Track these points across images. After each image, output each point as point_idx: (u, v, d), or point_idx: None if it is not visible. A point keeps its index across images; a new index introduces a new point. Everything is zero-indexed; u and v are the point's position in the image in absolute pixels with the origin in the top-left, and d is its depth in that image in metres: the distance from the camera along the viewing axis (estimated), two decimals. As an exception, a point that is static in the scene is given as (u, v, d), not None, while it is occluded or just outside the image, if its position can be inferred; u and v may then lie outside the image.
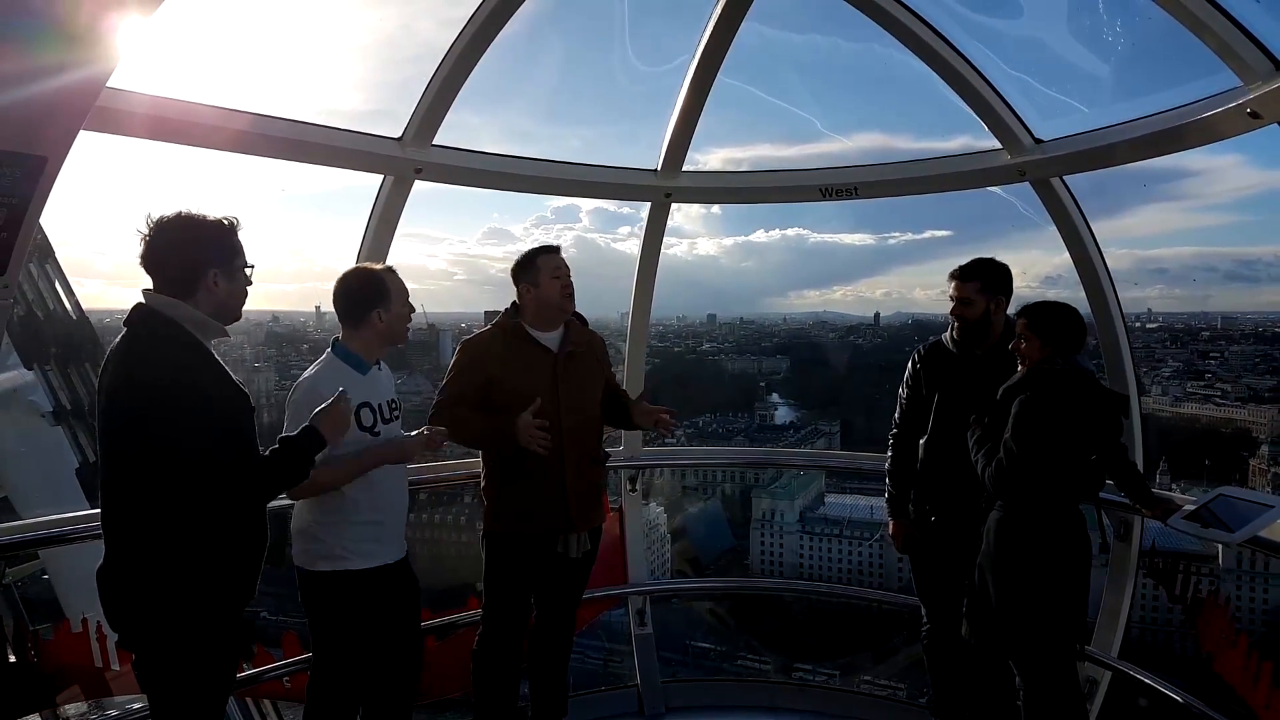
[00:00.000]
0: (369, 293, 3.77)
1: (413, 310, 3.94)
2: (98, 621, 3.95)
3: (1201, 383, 34.17)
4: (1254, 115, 3.60)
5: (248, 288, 3.19)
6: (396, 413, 3.92)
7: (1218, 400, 33.27)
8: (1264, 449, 30.00)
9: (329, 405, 3.24)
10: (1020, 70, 4.96)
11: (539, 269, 4.31)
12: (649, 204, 5.82)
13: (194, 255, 3.00)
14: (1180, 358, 35.27)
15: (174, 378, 2.84)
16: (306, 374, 3.78)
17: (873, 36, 4.80)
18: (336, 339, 3.84)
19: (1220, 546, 4.76)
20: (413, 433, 3.90)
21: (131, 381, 2.88)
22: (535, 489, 4.23)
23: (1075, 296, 4.85)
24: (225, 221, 3.08)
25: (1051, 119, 4.91)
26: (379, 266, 3.94)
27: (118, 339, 3.01)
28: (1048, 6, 5.57)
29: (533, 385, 4.23)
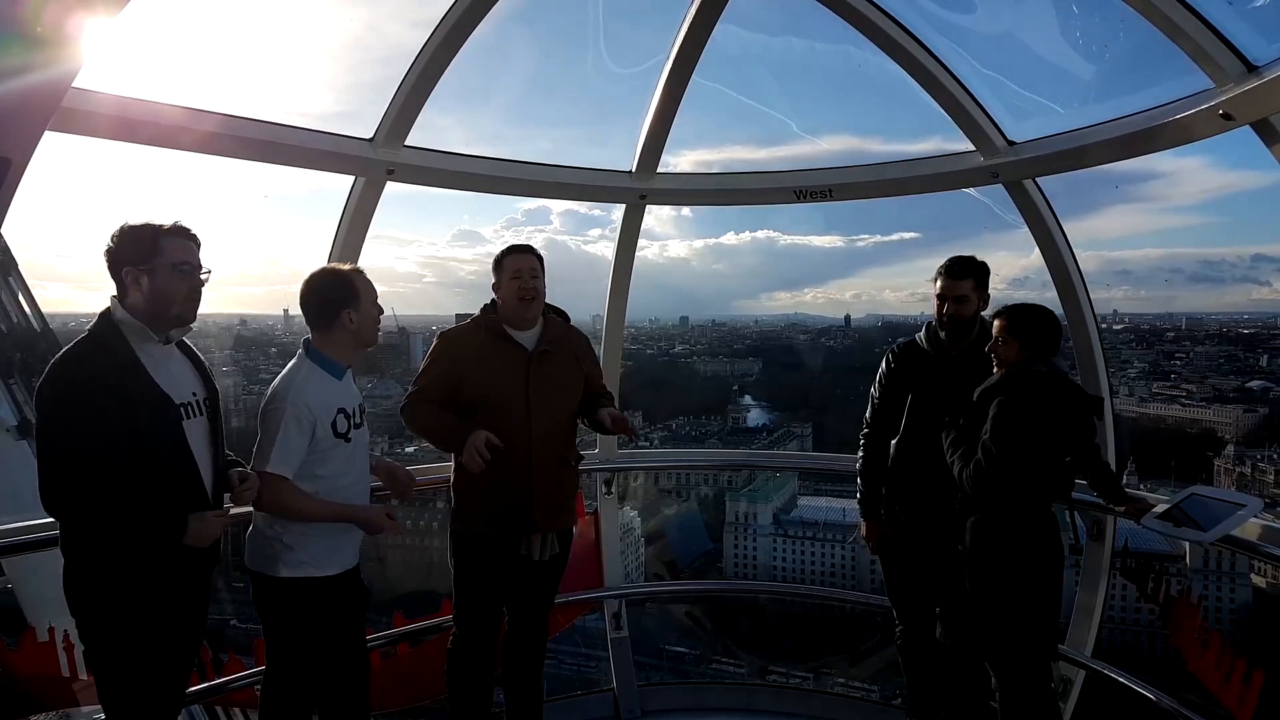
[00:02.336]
0: (339, 293, 3.69)
1: (381, 311, 3.86)
2: (65, 631, 3.89)
3: (1167, 383, 34.58)
4: (1226, 117, 3.62)
5: (193, 288, 3.20)
6: (364, 417, 3.87)
7: (1183, 401, 33.68)
8: (1229, 449, 30.41)
9: (210, 517, 3.21)
10: (993, 69, 4.98)
11: (503, 269, 4.29)
12: (623, 206, 5.80)
13: (115, 257, 3.10)
14: (1146, 358, 35.68)
15: (70, 374, 2.94)
16: (282, 380, 3.69)
17: (847, 38, 4.81)
18: (307, 341, 3.75)
19: (1188, 546, 4.79)
20: (388, 508, 3.90)
21: (42, 380, 2.98)
22: (501, 489, 4.16)
23: (1042, 298, 4.87)
24: (159, 224, 3.14)
25: (1024, 120, 4.93)
26: (347, 267, 3.85)
27: None
28: (1021, 6, 5.59)
29: (502, 384, 4.19)
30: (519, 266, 4.28)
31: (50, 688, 3.98)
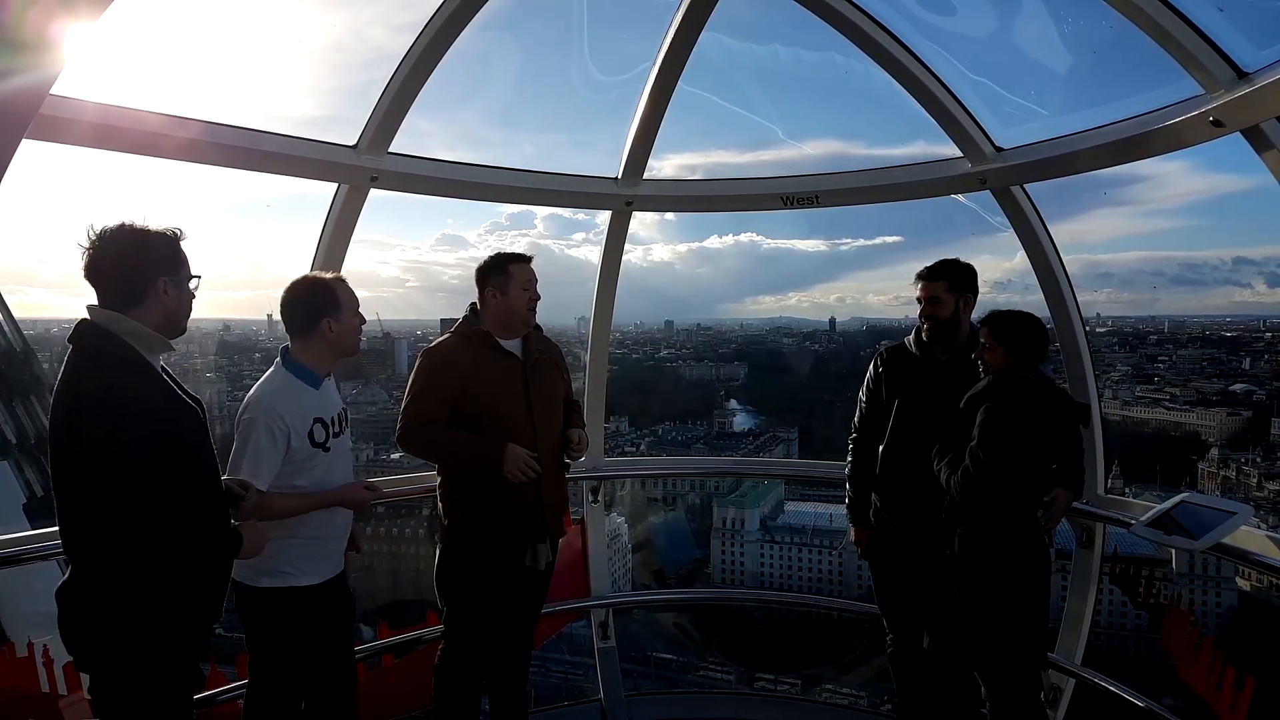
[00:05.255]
0: (318, 302, 3.69)
1: (364, 321, 3.86)
2: (44, 645, 3.83)
3: (1151, 386, 34.64)
4: (1216, 123, 3.62)
5: (193, 300, 3.12)
6: (346, 424, 3.85)
7: (1167, 404, 33.75)
8: (1214, 452, 30.49)
9: (256, 531, 3.21)
10: (981, 76, 4.97)
11: (510, 276, 4.23)
12: (609, 212, 5.78)
13: (142, 265, 2.94)
14: (1129, 361, 35.74)
15: (114, 396, 2.75)
16: (256, 390, 3.67)
17: (833, 45, 4.79)
18: (285, 349, 3.75)
19: (1173, 552, 4.79)
20: (365, 483, 3.89)
21: (71, 401, 2.79)
22: (510, 499, 4.13)
23: (1025, 300, 4.86)
24: (170, 232, 3.01)
25: (1012, 127, 4.92)
26: (329, 275, 3.84)
27: (65, 357, 2.90)
28: (1009, 12, 5.59)
29: (505, 394, 4.16)
30: (530, 276, 4.28)
31: (31, 704, 3.92)
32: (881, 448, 4.61)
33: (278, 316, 3.85)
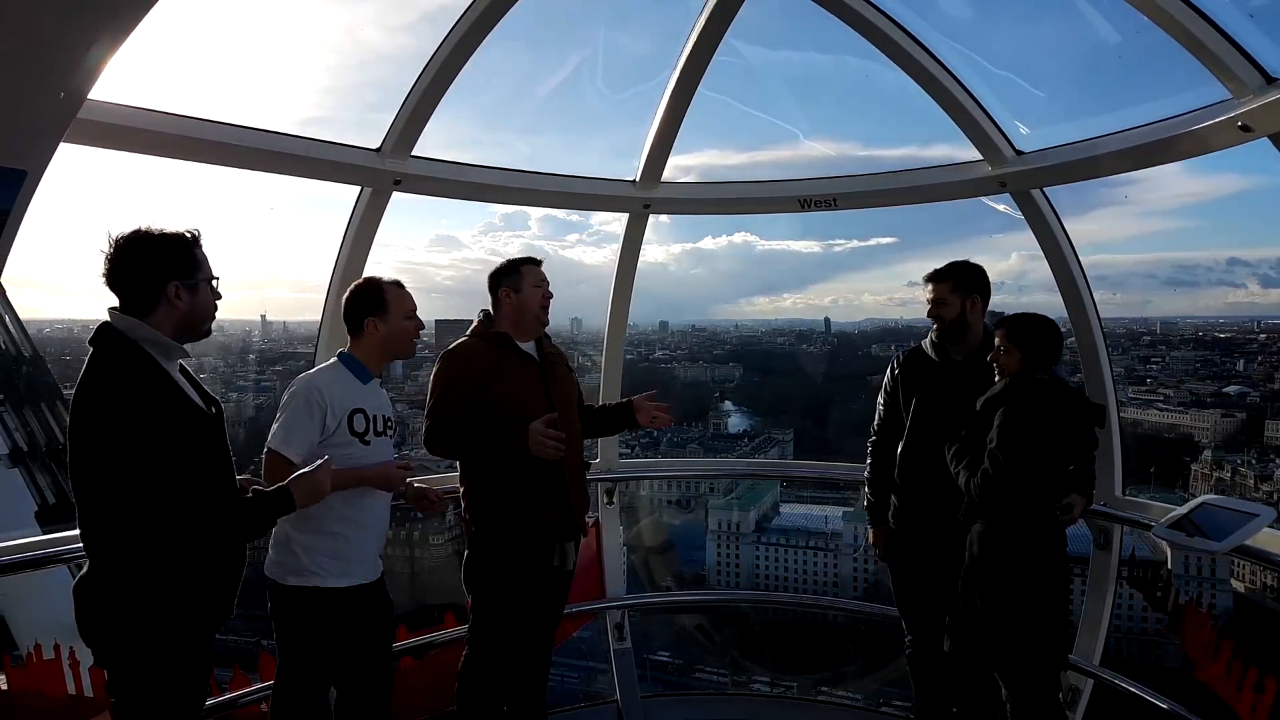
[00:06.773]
0: (364, 302, 3.85)
1: (420, 325, 3.99)
2: (70, 648, 3.84)
3: (1144, 387, 34.69)
4: (1245, 128, 3.65)
5: (216, 302, 3.11)
6: (391, 431, 3.91)
7: (1160, 406, 33.79)
8: (1207, 454, 30.51)
9: (311, 470, 3.18)
10: (1004, 77, 4.98)
11: (523, 276, 4.31)
12: (619, 214, 5.82)
13: (152, 269, 2.92)
14: (1121, 363, 35.77)
15: (125, 403, 2.76)
16: (309, 372, 3.84)
17: (853, 48, 4.80)
18: (342, 350, 3.91)
19: (1169, 551, 4.81)
20: (397, 460, 3.91)
21: (86, 405, 2.80)
22: (539, 498, 4.17)
23: (1019, 301, 4.89)
24: (186, 234, 3.00)
25: (1033, 129, 4.93)
26: (386, 278, 3.96)
27: (86, 359, 2.91)
28: (1034, 14, 5.61)
29: (526, 394, 4.19)
30: (542, 276, 4.36)
31: (54, 705, 3.91)
32: (899, 449, 4.63)
33: (272, 317, 4.00)
